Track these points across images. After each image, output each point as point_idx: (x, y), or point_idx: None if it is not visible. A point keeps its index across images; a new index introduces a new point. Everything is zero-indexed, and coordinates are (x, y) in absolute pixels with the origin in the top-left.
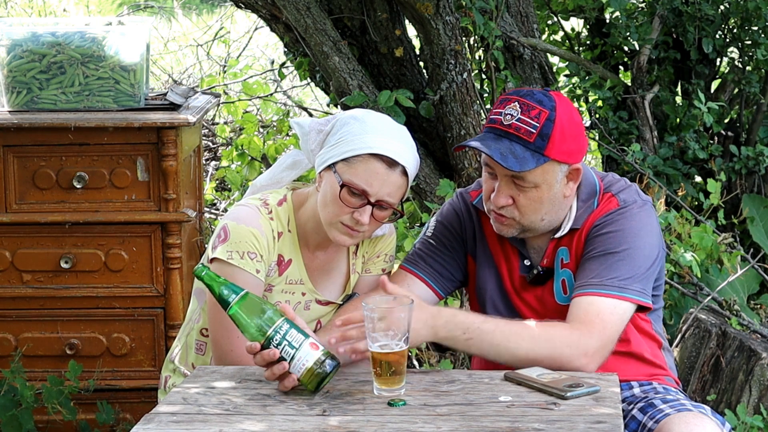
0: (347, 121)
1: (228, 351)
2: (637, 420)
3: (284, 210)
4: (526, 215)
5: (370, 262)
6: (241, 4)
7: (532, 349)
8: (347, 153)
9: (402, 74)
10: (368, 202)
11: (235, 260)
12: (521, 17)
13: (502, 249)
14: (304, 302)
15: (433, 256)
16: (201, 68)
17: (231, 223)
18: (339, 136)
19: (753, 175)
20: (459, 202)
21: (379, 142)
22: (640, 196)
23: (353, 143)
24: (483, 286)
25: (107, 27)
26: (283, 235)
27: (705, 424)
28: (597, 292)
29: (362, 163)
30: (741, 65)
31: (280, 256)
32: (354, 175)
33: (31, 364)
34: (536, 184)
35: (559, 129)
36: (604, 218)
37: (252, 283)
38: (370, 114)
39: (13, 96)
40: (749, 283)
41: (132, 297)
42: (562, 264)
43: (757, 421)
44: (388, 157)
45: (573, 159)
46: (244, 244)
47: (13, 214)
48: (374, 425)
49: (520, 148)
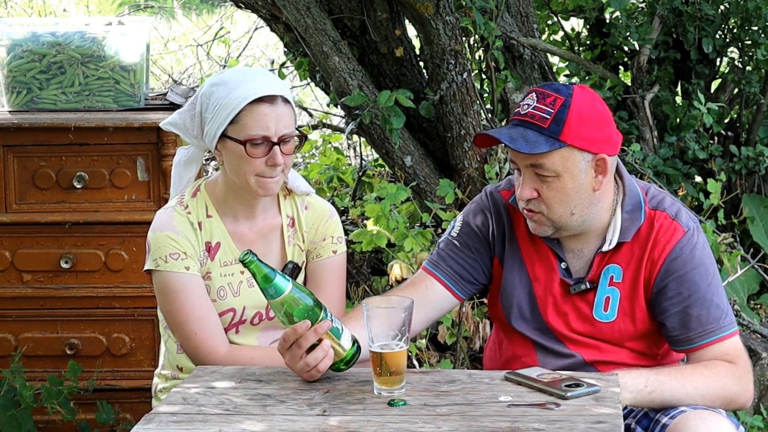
0: (210, 92)
1: (192, 334)
2: (649, 417)
3: (200, 199)
4: (553, 208)
5: (318, 246)
6: (241, 4)
7: (707, 389)
8: (230, 115)
9: (402, 74)
10: (272, 143)
11: (162, 266)
12: (521, 17)
13: (536, 252)
14: (246, 280)
15: (455, 257)
16: (201, 68)
17: (150, 234)
18: (213, 107)
19: (753, 175)
20: (487, 201)
21: (249, 89)
22: (692, 217)
23: (229, 105)
24: (510, 291)
25: (107, 27)
26: (204, 223)
27: (721, 421)
28: (723, 336)
29: (248, 115)
30: (741, 65)
31: (207, 243)
32: (247, 129)
33: (31, 364)
34: (557, 172)
35: (576, 115)
36: (679, 251)
37: (186, 281)
38: (226, 72)
39: (13, 96)
40: (749, 283)
41: (132, 297)
42: (611, 281)
43: (757, 421)
44: (267, 96)
45: (596, 148)
46: (164, 249)
47: (13, 214)
48: (374, 425)
49: (533, 134)
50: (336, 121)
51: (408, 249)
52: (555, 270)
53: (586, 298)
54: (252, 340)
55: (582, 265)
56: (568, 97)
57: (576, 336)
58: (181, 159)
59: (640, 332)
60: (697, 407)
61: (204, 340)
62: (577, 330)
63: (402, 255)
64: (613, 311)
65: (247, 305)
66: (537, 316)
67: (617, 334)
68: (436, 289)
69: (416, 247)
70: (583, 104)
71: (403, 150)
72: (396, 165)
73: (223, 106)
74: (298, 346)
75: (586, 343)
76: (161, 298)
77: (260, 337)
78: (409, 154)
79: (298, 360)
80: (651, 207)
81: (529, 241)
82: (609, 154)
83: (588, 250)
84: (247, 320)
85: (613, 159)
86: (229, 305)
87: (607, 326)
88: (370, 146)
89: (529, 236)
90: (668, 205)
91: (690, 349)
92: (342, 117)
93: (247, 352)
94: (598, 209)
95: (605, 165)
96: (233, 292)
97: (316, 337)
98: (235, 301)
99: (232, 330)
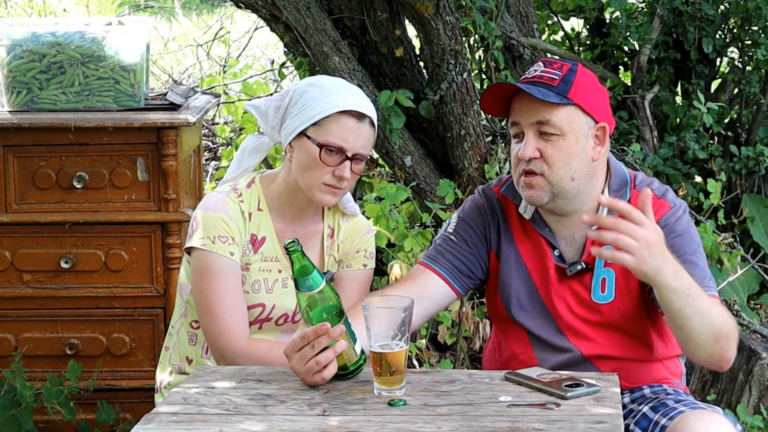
0: (305, 89)
1: (220, 319)
2: (648, 418)
3: (253, 191)
4: (555, 168)
5: (350, 257)
6: (241, 4)
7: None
8: (316, 116)
9: (402, 74)
10: (346, 157)
11: (208, 246)
12: (521, 17)
13: (530, 241)
14: (281, 279)
15: (453, 252)
16: (201, 68)
17: (201, 212)
18: (302, 105)
19: (753, 175)
20: (481, 198)
21: (344, 100)
22: (679, 199)
23: (319, 107)
24: (507, 282)
25: (107, 27)
26: (254, 215)
27: (720, 421)
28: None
29: (333, 122)
30: (741, 65)
31: (253, 235)
32: (328, 135)
33: (31, 364)
34: (562, 131)
35: (582, 79)
36: (665, 222)
37: (228, 266)
38: (325, 77)
39: (13, 96)
40: (749, 283)
41: (132, 297)
42: (606, 263)
43: (757, 421)
44: (357, 111)
45: (598, 115)
46: (214, 230)
47: (13, 214)
48: (374, 425)
49: (544, 89)
50: None
51: (408, 249)
52: (549, 257)
53: (583, 282)
54: (271, 339)
55: (575, 250)
56: (574, 65)
57: (577, 323)
58: (248, 145)
59: (638, 310)
60: (696, 407)
61: (229, 328)
62: (579, 315)
63: (402, 255)
64: (611, 291)
65: (277, 304)
66: (537, 305)
67: (618, 315)
68: (434, 283)
69: (416, 247)
70: (587, 76)
71: (403, 150)
72: (396, 165)
73: (313, 106)
74: (312, 347)
75: (585, 333)
76: (198, 277)
77: (278, 338)
78: (409, 154)
79: (307, 360)
80: (638, 187)
81: (522, 230)
82: (609, 126)
83: (579, 235)
84: (273, 319)
85: (608, 138)
86: (260, 300)
87: (606, 307)
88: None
89: (522, 226)
90: (656, 186)
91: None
92: None
93: (267, 346)
94: (593, 185)
95: (605, 135)
96: (267, 288)
97: (330, 340)
98: (267, 297)
99: (256, 325)
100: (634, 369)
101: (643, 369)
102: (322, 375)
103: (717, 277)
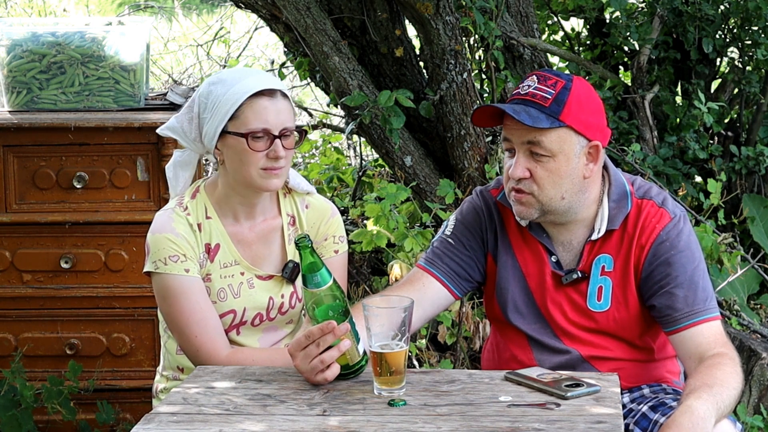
0: (209, 91)
1: (192, 337)
2: (648, 417)
3: (199, 200)
4: (545, 189)
5: (320, 247)
6: (241, 4)
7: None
8: (230, 111)
9: (402, 74)
10: (274, 136)
11: (162, 268)
12: (521, 17)
13: (527, 246)
14: (246, 281)
15: (450, 255)
16: (201, 68)
17: (149, 236)
18: (211, 106)
19: (753, 175)
20: (479, 200)
21: (249, 84)
22: (678, 205)
23: (228, 101)
24: (504, 286)
25: (107, 27)
26: (203, 225)
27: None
28: (710, 317)
29: (248, 109)
30: (741, 65)
31: (207, 244)
32: (248, 123)
33: (31, 364)
34: (553, 152)
35: (575, 98)
36: (666, 235)
37: (187, 283)
38: (222, 72)
39: (13, 96)
40: (749, 283)
41: (132, 297)
42: (603, 271)
43: (757, 421)
44: (266, 89)
45: (591, 134)
46: (163, 251)
47: (13, 214)
48: (374, 425)
49: (535, 111)
50: (336, 121)
51: (408, 249)
52: (546, 263)
53: (579, 289)
54: (253, 341)
55: (572, 257)
56: (569, 81)
57: (572, 329)
58: (176, 160)
59: (634, 319)
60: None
61: (204, 343)
62: (573, 321)
63: (402, 255)
64: (607, 300)
65: (248, 306)
66: (533, 310)
67: (612, 323)
68: (433, 286)
69: (416, 247)
70: (582, 91)
71: (403, 150)
72: (396, 165)
73: (222, 103)
74: (317, 345)
75: (582, 338)
76: (161, 300)
77: (261, 338)
78: (409, 154)
79: (312, 359)
80: (638, 196)
81: (520, 236)
82: (602, 143)
83: (577, 241)
84: (248, 321)
85: (603, 151)
86: (229, 307)
87: (601, 316)
88: (370, 146)
89: (520, 232)
90: (655, 193)
91: (678, 329)
92: (342, 117)
93: (248, 354)
94: (585, 198)
95: (597, 153)
96: (233, 293)
97: (334, 339)
98: (235, 302)
99: (233, 331)
100: (632, 369)
101: (642, 369)
102: (325, 374)
103: (717, 277)
